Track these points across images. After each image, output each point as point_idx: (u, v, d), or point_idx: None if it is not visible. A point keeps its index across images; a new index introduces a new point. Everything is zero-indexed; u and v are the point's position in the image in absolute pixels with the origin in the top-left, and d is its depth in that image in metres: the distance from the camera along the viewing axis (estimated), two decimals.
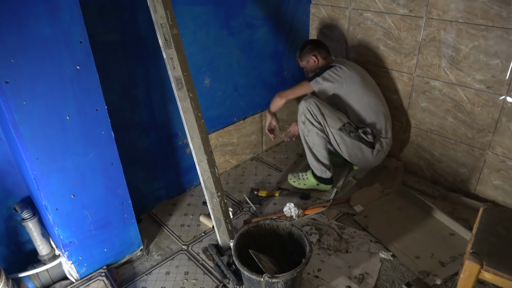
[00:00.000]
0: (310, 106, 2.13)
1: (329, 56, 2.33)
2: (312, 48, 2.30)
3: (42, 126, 1.40)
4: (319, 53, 2.30)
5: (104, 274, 1.76)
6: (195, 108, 1.73)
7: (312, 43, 2.34)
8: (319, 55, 2.30)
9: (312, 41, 2.37)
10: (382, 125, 2.23)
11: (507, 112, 1.94)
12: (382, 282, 1.73)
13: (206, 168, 1.79)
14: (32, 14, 1.26)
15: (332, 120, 2.15)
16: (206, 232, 2.09)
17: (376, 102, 2.21)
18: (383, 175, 2.45)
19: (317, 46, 2.31)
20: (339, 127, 2.16)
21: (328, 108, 2.16)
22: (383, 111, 2.23)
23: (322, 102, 2.17)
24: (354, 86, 2.16)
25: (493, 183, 2.12)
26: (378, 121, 2.22)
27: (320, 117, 2.13)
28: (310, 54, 2.30)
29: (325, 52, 2.31)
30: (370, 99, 2.19)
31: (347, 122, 2.17)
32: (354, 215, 2.12)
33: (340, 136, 2.17)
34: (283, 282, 1.46)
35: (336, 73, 2.15)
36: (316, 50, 2.30)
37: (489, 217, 1.49)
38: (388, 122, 2.26)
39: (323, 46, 2.32)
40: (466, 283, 1.34)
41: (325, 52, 2.31)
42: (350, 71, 2.15)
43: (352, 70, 2.17)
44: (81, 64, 1.43)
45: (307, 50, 2.31)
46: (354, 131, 2.17)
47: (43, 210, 1.58)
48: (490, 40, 1.88)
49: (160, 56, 1.75)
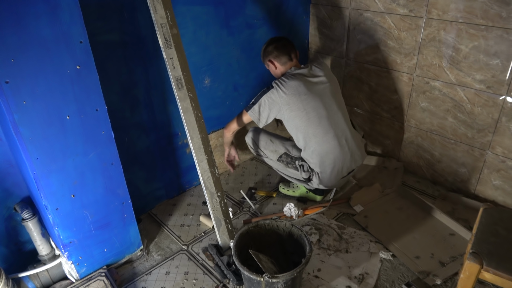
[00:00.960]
0: (248, 140, 2.14)
1: (289, 61, 2.04)
2: (270, 51, 2.05)
3: (42, 126, 1.40)
4: (277, 59, 2.03)
5: (104, 274, 1.76)
6: (195, 108, 1.73)
7: (272, 44, 2.05)
8: (276, 61, 2.04)
9: (274, 41, 2.07)
10: (318, 162, 2.00)
11: (507, 112, 1.94)
12: (382, 282, 1.73)
13: (206, 168, 1.79)
14: (32, 14, 1.26)
15: (269, 152, 2.12)
16: (206, 232, 2.09)
17: (314, 133, 1.96)
18: (383, 176, 2.45)
19: (276, 49, 2.03)
20: (277, 158, 2.13)
21: (264, 140, 2.10)
22: (326, 144, 1.97)
23: (258, 133, 2.12)
24: (293, 113, 1.93)
25: (493, 183, 2.12)
26: (315, 159, 2.01)
27: (259, 150, 2.12)
28: (267, 59, 2.08)
29: (285, 56, 2.02)
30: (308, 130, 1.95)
31: (284, 154, 2.10)
32: (354, 215, 2.12)
33: (281, 166, 2.14)
34: (283, 282, 1.46)
35: (273, 97, 1.92)
36: (273, 54, 2.04)
37: (489, 217, 1.49)
38: (330, 158, 1.99)
39: (285, 49, 2.03)
40: (466, 283, 1.34)
41: (285, 57, 2.02)
42: (291, 93, 1.90)
43: (296, 90, 1.90)
44: (81, 64, 1.43)
45: (266, 53, 2.08)
46: (291, 162, 2.09)
47: (43, 210, 1.58)
48: (490, 40, 1.88)
49: (160, 56, 1.75)
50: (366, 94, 2.57)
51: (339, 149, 2.00)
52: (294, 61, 2.07)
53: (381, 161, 2.57)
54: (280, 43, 2.05)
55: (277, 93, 1.93)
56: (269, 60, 2.08)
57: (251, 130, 2.16)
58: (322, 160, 2.00)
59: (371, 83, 2.51)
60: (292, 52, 2.06)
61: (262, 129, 2.16)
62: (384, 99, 2.48)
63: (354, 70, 2.57)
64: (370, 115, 2.61)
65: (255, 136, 2.13)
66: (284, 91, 1.92)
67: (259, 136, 2.14)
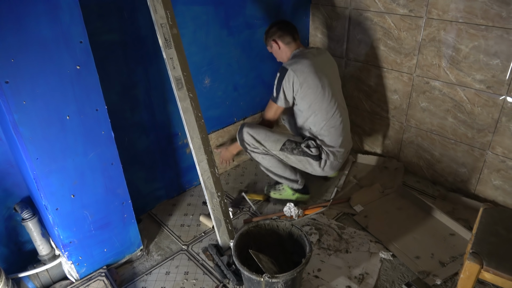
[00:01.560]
0: (243, 137, 2.08)
1: (293, 41, 2.08)
2: (274, 32, 2.09)
3: (42, 126, 1.40)
4: (281, 38, 2.07)
5: (104, 274, 1.76)
6: (195, 108, 1.73)
7: (276, 25, 2.11)
8: (280, 40, 2.08)
9: (277, 23, 2.13)
10: (328, 136, 2.05)
11: (507, 112, 1.94)
12: (382, 282, 1.73)
13: (206, 168, 1.79)
14: (32, 14, 1.26)
15: (270, 143, 2.06)
16: (206, 232, 2.09)
17: (326, 108, 2.01)
18: (384, 176, 2.45)
19: (280, 29, 2.08)
20: (280, 148, 2.05)
21: (263, 132, 2.06)
22: (334, 119, 2.03)
23: (255, 127, 2.08)
24: (310, 89, 1.98)
25: (493, 183, 2.12)
26: (325, 132, 2.05)
27: (257, 145, 2.06)
28: (271, 39, 2.11)
29: (289, 36, 2.07)
30: (322, 105, 2.00)
31: (287, 140, 2.05)
32: (354, 215, 2.12)
33: (284, 155, 2.08)
34: (283, 282, 1.45)
35: (290, 79, 1.96)
36: (276, 34, 2.08)
37: (489, 217, 1.49)
38: (338, 132, 2.05)
39: (288, 29, 2.08)
40: (466, 283, 1.34)
41: (289, 37, 2.07)
42: (308, 70, 1.95)
43: (311, 67, 1.95)
44: (81, 64, 1.43)
45: (269, 34, 2.12)
46: (296, 147, 2.05)
47: (43, 210, 1.58)
48: (490, 40, 1.88)
49: (160, 56, 1.75)
50: (366, 94, 2.57)
51: (343, 126, 2.09)
52: (297, 42, 2.11)
53: (381, 161, 2.57)
54: (282, 24, 2.11)
55: (293, 74, 1.95)
56: (273, 40, 2.10)
57: (245, 125, 2.09)
58: (332, 135, 2.06)
59: (371, 83, 2.51)
60: (295, 33, 2.11)
61: (255, 123, 2.14)
62: (384, 99, 2.48)
63: (354, 70, 2.57)
64: (370, 115, 2.61)
65: (252, 130, 2.06)
66: (301, 69, 1.95)
67: (256, 129, 2.07)
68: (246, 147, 2.11)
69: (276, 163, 2.14)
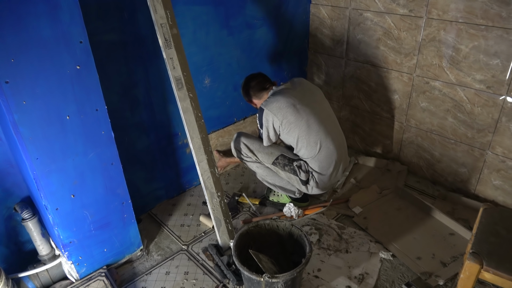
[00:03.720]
0: (238, 146, 2.09)
1: (266, 90, 2.09)
2: (247, 93, 2.14)
3: (42, 126, 1.40)
4: (255, 96, 2.12)
5: (104, 274, 1.76)
6: (195, 108, 1.73)
7: (246, 86, 2.14)
8: (256, 99, 2.13)
9: (246, 82, 2.15)
10: (318, 163, 2.02)
11: (507, 112, 1.94)
12: (382, 282, 1.73)
13: (206, 168, 1.79)
14: (32, 14, 1.26)
15: (263, 155, 2.07)
16: (206, 232, 2.09)
17: (314, 140, 1.98)
18: (386, 179, 2.44)
19: (252, 88, 2.11)
20: (272, 161, 2.07)
21: (257, 143, 2.08)
22: (325, 148, 2.00)
23: (250, 137, 2.10)
24: (292, 124, 1.96)
25: (493, 183, 2.12)
26: (315, 161, 2.02)
27: (251, 154, 2.08)
28: (248, 99, 2.18)
29: (262, 91, 2.09)
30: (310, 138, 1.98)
31: (280, 155, 2.06)
32: (353, 217, 2.12)
33: (276, 169, 2.10)
34: (283, 282, 1.45)
35: (269, 118, 1.97)
36: (251, 96, 2.12)
37: (489, 217, 1.49)
38: (329, 160, 2.02)
39: (258, 86, 2.10)
40: (466, 283, 1.34)
41: (262, 92, 2.09)
42: (284, 106, 1.94)
43: (288, 103, 1.95)
44: (81, 64, 1.43)
45: (245, 95, 2.17)
46: (288, 164, 2.05)
47: (43, 210, 1.58)
48: (490, 40, 1.88)
49: (160, 56, 1.75)
50: (366, 94, 2.57)
51: (337, 153, 2.04)
52: (270, 86, 2.10)
53: (384, 164, 2.56)
54: (253, 81, 2.12)
55: (271, 113, 1.96)
56: (250, 100, 2.17)
57: (240, 134, 2.11)
58: (323, 164, 2.02)
59: (371, 83, 2.51)
60: (266, 82, 2.12)
61: (252, 135, 2.15)
62: (384, 99, 2.48)
63: (354, 70, 2.57)
64: (370, 115, 2.61)
65: (246, 139, 2.08)
66: (278, 106, 1.95)
67: (251, 140, 2.09)
68: (240, 156, 2.12)
69: (272, 172, 2.14)
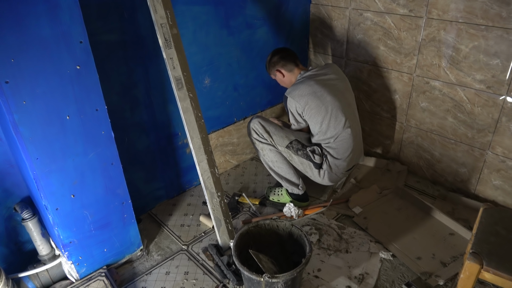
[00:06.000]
0: (254, 125, 2.10)
1: (296, 67, 2.14)
2: (276, 61, 2.16)
3: (42, 126, 1.40)
4: (284, 67, 2.14)
5: (104, 274, 1.76)
6: (195, 108, 1.73)
7: (277, 54, 2.17)
8: (283, 69, 2.14)
9: (278, 51, 2.18)
10: (336, 149, 2.06)
11: (507, 112, 1.94)
12: (382, 282, 1.73)
13: (206, 168, 1.79)
14: (32, 14, 1.26)
15: (278, 138, 2.09)
16: (206, 232, 2.09)
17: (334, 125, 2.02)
18: (386, 179, 2.44)
19: (282, 58, 2.14)
20: (286, 145, 2.08)
21: (273, 126, 2.10)
22: (344, 134, 2.04)
23: (267, 120, 2.12)
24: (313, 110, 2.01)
25: (493, 183, 2.12)
26: (333, 145, 2.06)
27: (266, 135, 2.08)
28: (274, 69, 2.18)
29: (291, 64, 2.13)
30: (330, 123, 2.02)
31: (294, 140, 2.08)
32: (353, 217, 2.12)
33: (289, 153, 2.11)
34: (283, 282, 1.45)
35: (292, 105, 2.04)
36: (279, 64, 2.15)
37: (489, 217, 1.49)
38: (346, 145, 2.06)
39: (289, 57, 2.14)
40: (466, 283, 1.34)
41: (291, 64, 2.13)
42: (306, 93, 1.99)
43: (310, 90, 1.99)
44: (81, 64, 1.43)
45: (271, 64, 2.18)
46: (301, 148, 2.08)
47: (43, 210, 1.58)
48: (490, 40, 1.88)
49: (160, 56, 1.75)
50: (366, 94, 2.57)
51: (353, 141, 2.09)
52: (300, 66, 2.17)
53: (384, 164, 2.56)
54: (284, 52, 2.17)
55: (293, 100, 2.03)
56: (277, 69, 2.18)
57: (258, 116, 2.13)
58: (340, 148, 2.07)
59: (371, 83, 2.51)
60: (296, 59, 2.17)
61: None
62: (384, 99, 2.48)
63: (354, 70, 2.57)
64: (370, 115, 2.61)
65: (264, 121, 2.10)
66: (300, 94, 2.01)
67: (268, 122, 2.12)
68: (254, 136, 2.12)
69: (281, 159, 2.15)
